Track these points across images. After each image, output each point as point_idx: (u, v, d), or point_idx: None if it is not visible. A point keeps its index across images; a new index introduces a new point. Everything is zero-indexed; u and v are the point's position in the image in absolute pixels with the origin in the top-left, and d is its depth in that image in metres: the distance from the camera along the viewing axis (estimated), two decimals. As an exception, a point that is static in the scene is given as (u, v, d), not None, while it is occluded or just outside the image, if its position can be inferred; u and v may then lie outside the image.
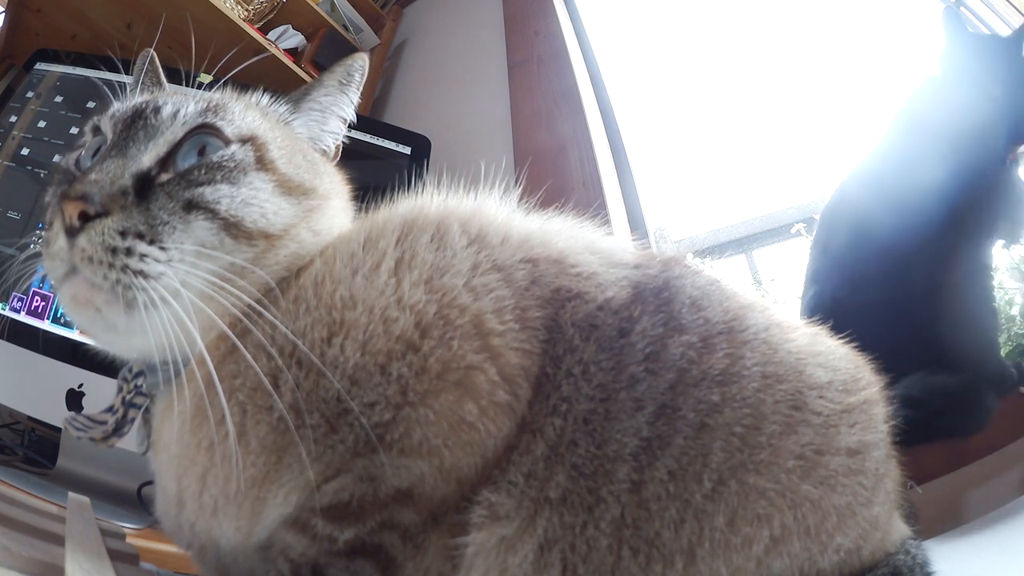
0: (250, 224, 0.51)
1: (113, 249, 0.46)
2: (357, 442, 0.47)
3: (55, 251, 0.48)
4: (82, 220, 0.47)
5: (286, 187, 0.55)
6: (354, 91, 0.67)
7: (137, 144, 0.52)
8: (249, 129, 0.56)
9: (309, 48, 2.10)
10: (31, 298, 1.10)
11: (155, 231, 0.48)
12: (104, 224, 0.47)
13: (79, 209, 0.46)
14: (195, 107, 0.55)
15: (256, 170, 0.54)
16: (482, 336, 0.49)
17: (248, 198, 0.52)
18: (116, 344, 0.54)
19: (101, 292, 0.47)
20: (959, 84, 1.04)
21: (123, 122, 0.54)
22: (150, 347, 0.51)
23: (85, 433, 0.57)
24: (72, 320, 0.52)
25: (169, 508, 0.53)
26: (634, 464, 0.47)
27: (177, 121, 0.54)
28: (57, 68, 1.30)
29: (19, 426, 1.26)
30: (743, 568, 0.46)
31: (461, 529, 0.48)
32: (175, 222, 0.49)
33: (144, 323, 0.47)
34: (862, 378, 0.55)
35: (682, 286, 0.55)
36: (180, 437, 0.50)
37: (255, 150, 0.55)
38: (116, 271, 0.46)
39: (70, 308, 0.50)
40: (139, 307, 0.46)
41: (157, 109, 0.55)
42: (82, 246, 0.46)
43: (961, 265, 0.97)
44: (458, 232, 0.54)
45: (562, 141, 1.59)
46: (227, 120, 0.56)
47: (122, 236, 0.46)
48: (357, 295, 0.50)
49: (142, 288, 0.46)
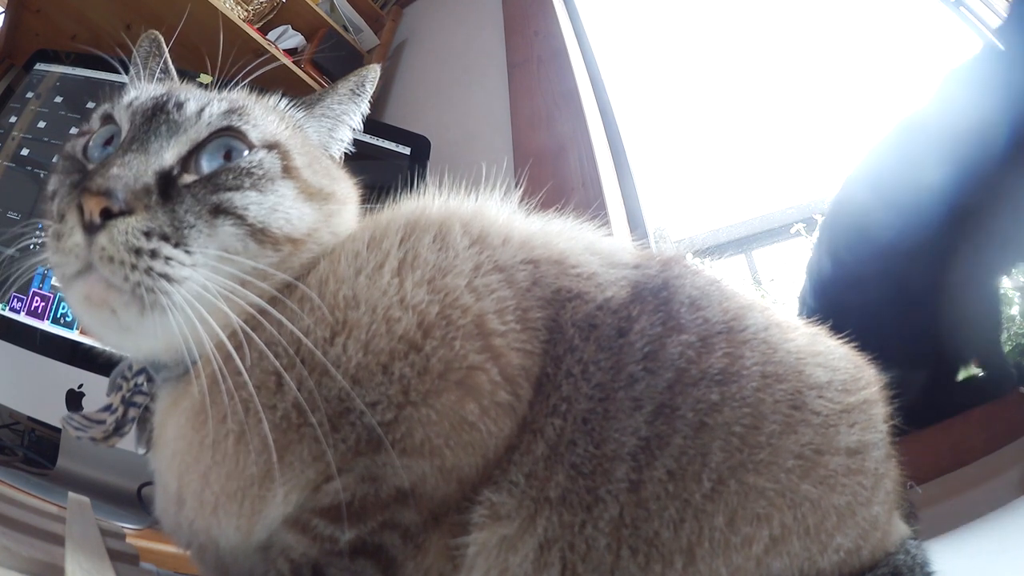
0: (276, 230, 0.51)
1: (137, 250, 0.45)
2: (359, 442, 0.47)
3: (69, 247, 0.46)
4: (103, 217, 0.45)
5: (308, 193, 0.55)
6: (365, 102, 0.67)
7: (159, 140, 0.51)
8: (273, 135, 0.56)
9: (309, 48, 2.10)
10: (31, 298, 1.10)
11: (181, 234, 0.47)
12: (128, 223, 0.45)
13: (102, 205, 0.45)
14: (219, 107, 0.55)
15: (282, 177, 0.54)
16: (484, 336, 0.49)
17: (275, 205, 0.52)
18: (124, 344, 0.53)
19: (120, 293, 0.45)
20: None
21: (143, 114, 0.53)
22: (160, 348, 0.51)
23: (84, 433, 0.56)
24: (80, 319, 0.51)
25: (169, 506, 0.53)
26: (632, 464, 0.47)
27: (202, 120, 0.53)
28: (57, 68, 1.30)
29: (19, 426, 1.26)
30: (743, 568, 0.46)
31: (462, 529, 0.48)
32: (201, 226, 0.48)
33: (159, 326, 0.46)
34: (862, 378, 0.55)
35: (681, 286, 0.55)
36: (183, 434, 0.50)
37: (281, 158, 0.54)
38: (139, 273, 0.45)
39: (82, 307, 0.48)
40: (157, 310, 0.46)
41: (180, 104, 0.53)
42: (102, 244, 0.45)
43: (961, 265, 0.97)
44: (460, 233, 0.54)
45: (562, 141, 1.59)
46: (251, 124, 0.55)
47: (147, 237, 0.45)
48: (360, 295, 0.50)
49: (165, 291, 0.45)
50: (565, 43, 1.79)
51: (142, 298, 0.45)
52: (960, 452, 0.98)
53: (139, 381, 0.56)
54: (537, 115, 1.69)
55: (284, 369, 0.48)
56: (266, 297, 0.50)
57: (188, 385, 0.51)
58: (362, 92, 0.67)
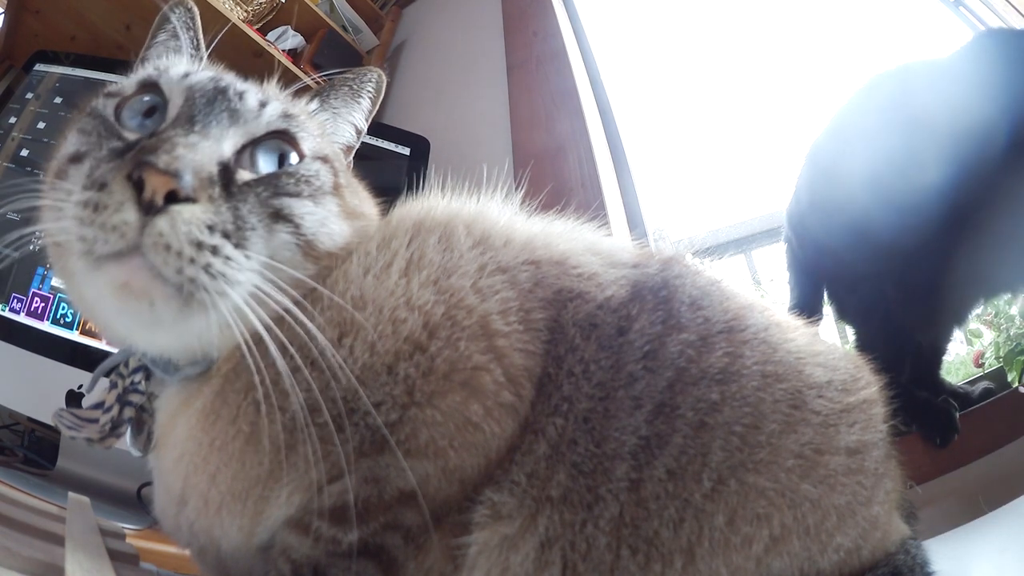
0: (321, 244, 0.51)
1: (199, 243, 0.41)
2: (363, 443, 0.47)
3: (115, 223, 0.40)
4: (167, 200, 0.41)
5: (347, 212, 0.55)
6: (367, 102, 0.67)
7: (221, 127, 0.48)
8: (322, 149, 0.56)
9: (308, 49, 2.10)
10: (31, 299, 1.10)
11: (242, 235, 0.45)
12: (194, 212, 0.42)
13: (169, 187, 0.41)
14: (278, 107, 0.53)
15: (331, 193, 0.53)
16: (488, 337, 0.49)
17: (324, 219, 0.51)
18: (145, 338, 0.50)
19: (165, 285, 0.42)
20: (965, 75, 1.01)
21: (203, 94, 0.50)
22: (179, 346, 0.49)
23: (78, 432, 0.54)
24: (98, 305, 0.46)
25: (169, 507, 0.53)
26: (633, 463, 0.47)
27: (263, 116, 0.52)
28: (56, 69, 1.30)
29: (19, 427, 1.26)
30: (743, 568, 0.47)
31: (463, 529, 0.48)
32: (262, 230, 0.46)
33: (194, 324, 0.44)
34: (861, 378, 0.55)
35: (681, 285, 0.55)
36: (193, 435, 0.50)
37: (332, 174, 0.54)
38: (195, 268, 0.41)
39: (111, 293, 0.43)
40: (198, 309, 0.43)
41: (241, 94, 0.52)
42: (162, 230, 0.41)
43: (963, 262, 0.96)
44: (464, 234, 0.54)
45: (561, 142, 1.59)
46: (305, 132, 0.54)
47: (211, 231, 0.42)
48: (367, 295, 0.50)
49: (220, 292, 0.42)
50: (564, 43, 1.79)
51: (191, 295, 0.42)
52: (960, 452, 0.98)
53: (136, 379, 0.54)
54: (536, 115, 1.69)
55: (295, 371, 0.47)
56: (291, 301, 0.49)
57: (203, 385, 0.50)
58: (365, 95, 0.66)
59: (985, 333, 1.33)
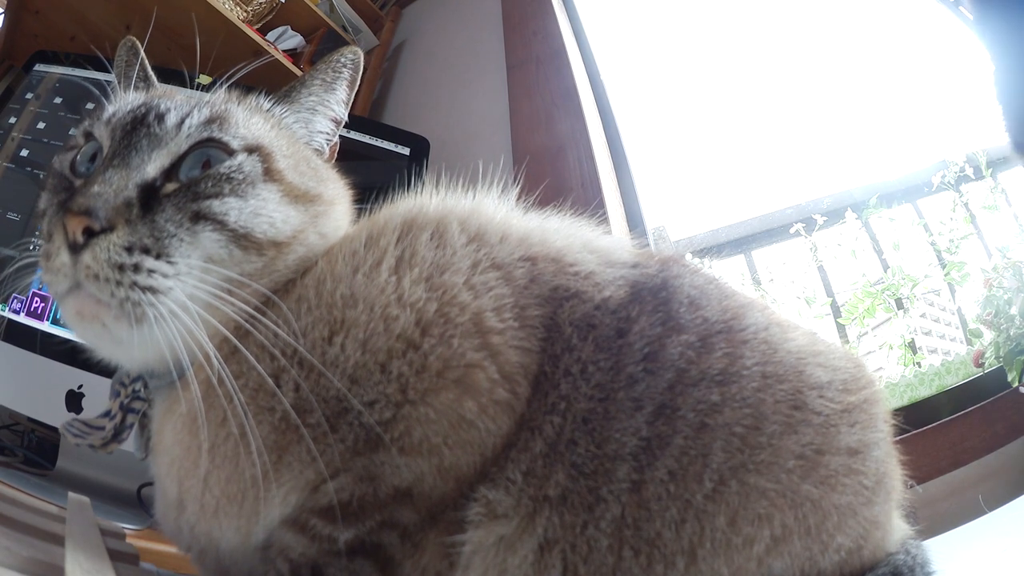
0: (260, 235, 0.51)
1: (120, 266, 0.45)
2: (357, 441, 0.47)
3: (57, 266, 0.46)
4: (86, 236, 0.45)
5: (293, 195, 0.54)
6: (343, 87, 0.65)
7: (140, 154, 0.51)
8: (255, 138, 0.55)
9: (308, 49, 2.10)
10: (30, 299, 1.10)
11: (161, 244, 0.47)
12: (109, 240, 0.46)
13: (83, 225, 0.45)
14: (199, 117, 0.54)
15: (264, 181, 0.53)
16: (482, 334, 0.49)
17: (257, 209, 0.51)
18: (119, 355, 0.54)
19: (108, 308, 0.46)
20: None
21: (122, 128, 0.53)
22: (152, 357, 0.51)
23: (83, 440, 0.56)
24: (75, 332, 0.52)
25: (169, 511, 0.53)
26: (634, 464, 0.47)
27: (182, 133, 0.53)
28: (56, 70, 1.30)
29: (19, 427, 1.26)
30: (744, 568, 0.46)
31: (458, 527, 0.48)
32: (182, 235, 0.48)
33: (149, 337, 0.47)
34: (862, 377, 0.55)
35: (680, 285, 0.55)
36: (180, 440, 0.51)
37: (262, 160, 0.54)
38: (124, 288, 0.45)
39: (75, 323, 0.49)
40: (145, 322, 0.46)
41: (161, 117, 0.53)
42: (87, 263, 0.45)
43: None
44: (457, 230, 0.54)
45: (561, 141, 1.60)
46: (232, 131, 0.55)
47: (128, 252, 0.46)
48: (358, 293, 0.50)
49: (151, 304, 0.46)
50: (564, 43, 1.79)
51: (130, 312, 0.46)
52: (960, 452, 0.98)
53: (137, 387, 0.56)
54: (536, 115, 1.69)
55: (280, 371, 0.48)
56: (259, 300, 0.50)
57: (183, 391, 0.51)
58: (337, 78, 0.64)
59: (985, 333, 1.33)
